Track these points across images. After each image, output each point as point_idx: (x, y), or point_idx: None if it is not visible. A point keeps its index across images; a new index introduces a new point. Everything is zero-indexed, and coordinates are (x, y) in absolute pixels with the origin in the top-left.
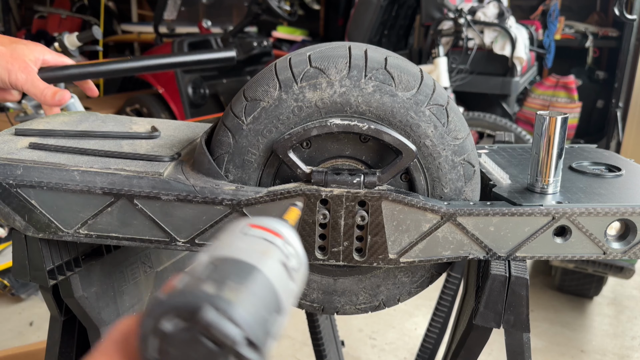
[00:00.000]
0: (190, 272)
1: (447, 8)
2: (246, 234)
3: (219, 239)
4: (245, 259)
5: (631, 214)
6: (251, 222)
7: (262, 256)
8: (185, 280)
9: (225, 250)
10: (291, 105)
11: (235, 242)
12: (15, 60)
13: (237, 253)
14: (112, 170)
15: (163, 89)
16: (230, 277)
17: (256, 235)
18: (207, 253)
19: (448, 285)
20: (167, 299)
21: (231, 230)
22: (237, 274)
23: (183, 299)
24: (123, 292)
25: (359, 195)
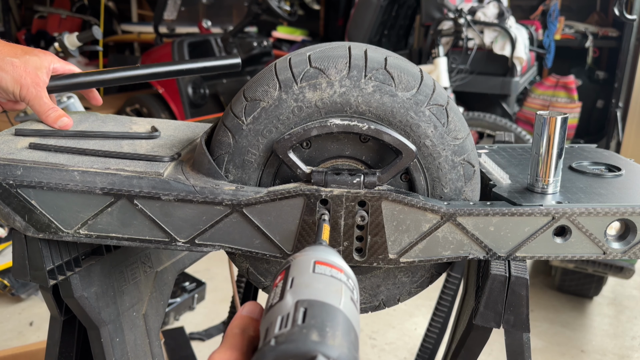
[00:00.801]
0: (282, 312)
1: (447, 8)
2: (316, 272)
3: (292, 275)
4: (329, 302)
5: (631, 214)
6: (317, 259)
7: (339, 296)
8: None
9: (309, 293)
10: (291, 105)
11: (312, 283)
12: (29, 75)
13: (320, 296)
14: (112, 171)
15: (163, 89)
16: (325, 322)
17: (326, 274)
18: (290, 295)
19: (448, 285)
20: (278, 346)
21: (303, 268)
22: (329, 318)
23: (295, 347)
24: (123, 292)
25: (359, 195)
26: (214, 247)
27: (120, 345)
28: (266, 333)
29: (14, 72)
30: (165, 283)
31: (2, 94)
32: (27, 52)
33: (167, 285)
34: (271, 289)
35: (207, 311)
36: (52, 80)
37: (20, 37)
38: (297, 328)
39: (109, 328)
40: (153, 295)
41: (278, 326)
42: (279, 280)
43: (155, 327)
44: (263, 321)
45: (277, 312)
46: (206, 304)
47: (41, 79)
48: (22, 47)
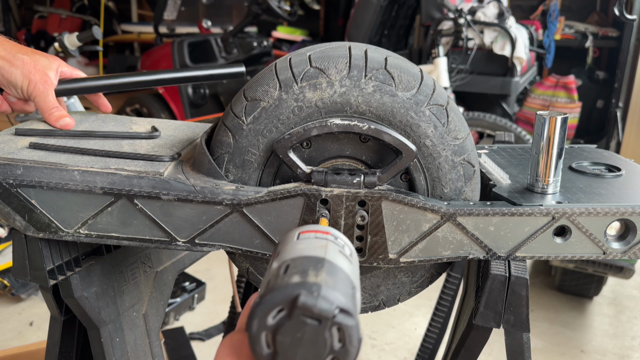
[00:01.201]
0: (268, 276)
1: (447, 8)
2: (300, 239)
3: (279, 249)
4: (311, 254)
5: (631, 214)
6: (301, 229)
7: (324, 249)
8: (271, 282)
9: (291, 254)
10: (291, 105)
11: (295, 246)
12: (38, 72)
13: (303, 252)
14: (113, 170)
15: (163, 89)
16: (307, 268)
17: (310, 237)
18: (276, 261)
19: (448, 285)
20: (264, 299)
21: (288, 240)
22: (311, 265)
23: (279, 294)
24: (123, 292)
25: (359, 195)
26: (214, 247)
27: (120, 345)
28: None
29: (23, 67)
30: (165, 283)
31: (11, 89)
32: (37, 53)
33: (167, 285)
34: None
35: (207, 311)
36: (60, 84)
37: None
38: (279, 279)
39: (109, 328)
40: (153, 295)
41: (263, 286)
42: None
43: (155, 327)
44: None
45: (264, 279)
46: (206, 304)
47: (49, 78)
48: (32, 49)
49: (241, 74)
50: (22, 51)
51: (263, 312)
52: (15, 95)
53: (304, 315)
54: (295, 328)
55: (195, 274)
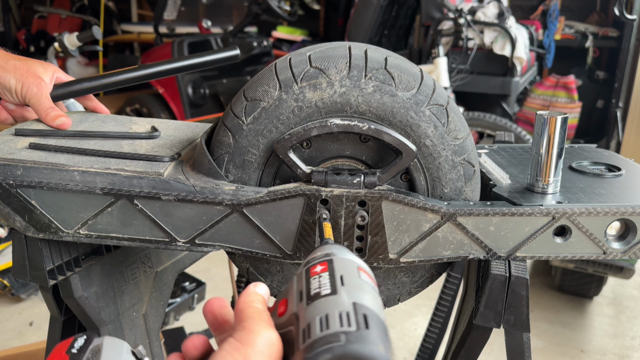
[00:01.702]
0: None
1: (447, 8)
2: (362, 279)
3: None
4: (380, 317)
5: (631, 214)
6: (359, 265)
7: (383, 312)
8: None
9: (365, 300)
10: (291, 105)
11: (363, 290)
12: (31, 75)
13: (375, 307)
14: (112, 171)
15: (163, 89)
16: (384, 337)
17: (369, 284)
18: (346, 294)
19: (448, 285)
20: (349, 345)
21: (350, 272)
22: (385, 334)
23: (368, 351)
24: (123, 292)
25: (359, 195)
26: (214, 247)
27: None
28: (320, 322)
29: (16, 72)
30: (165, 283)
31: (6, 95)
32: (31, 60)
33: (167, 285)
34: (304, 273)
35: None
36: (56, 88)
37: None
38: (364, 332)
39: (109, 328)
40: (153, 295)
41: (339, 322)
42: (319, 270)
43: (155, 327)
44: (308, 307)
45: (332, 305)
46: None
47: (43, 81)
48: (27, 57)
49: (236, 56)
50: (15, 58)
51: (339, 355)
52: (11, 100)
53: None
54: None
55: (195, 274)
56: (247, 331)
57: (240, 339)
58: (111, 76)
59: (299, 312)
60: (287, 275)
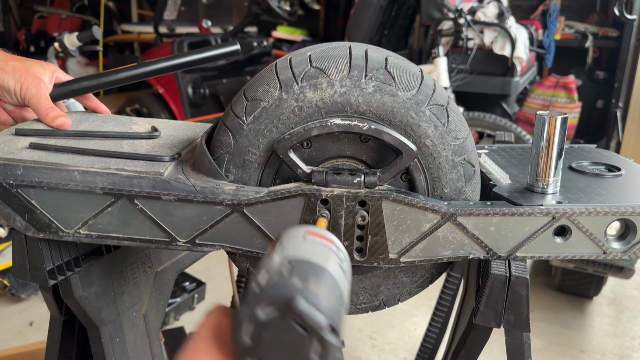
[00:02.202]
0: (269, 269)
1: (447, 8)
2: (307, 240)
3: (283, 242)
4: (315, 261)
5: (631, 214)
6: (308, 229)
7: (327, 259)
8: (272, 276)
9: (297, 253)
10: (292, 105)
11: (301, 246)
12: (30, 76)
13: (308, 256)
14: (113, 170)
15: (163, 89)
16: (309, 275)
17: (316, 242)
18: (279, 254)
19: (448, 285)
20: (261, 291)
21: (293, 236)
22: (313, 273)
23: (277, 291)
24: (123, 292)
25: (359, 195)
26: (214, 247)
27: (120, 345)
28: (252, 286)
29: (15, 72)
30: (165, 283)
31: (5, 95)
32: (30, 60)
33: (167, 285)
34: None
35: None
36: (57, 87)
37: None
38: (282, 278)
39: (109, 328)
40: (153, 295)
41: (263, 277)
42: (269, 250)
43: (155, 327)
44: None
45: (264, 270)
46: (206, 304)
47: (42, 81)
48: (26, 58)
49: (236, 51)
50: (14, 59)
51: (255, 303)
52: (10, 101)
53: (295, 321)
54: (281, 329)
55: (195, 274)
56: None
57: None
58: (110, 75)
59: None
60: None
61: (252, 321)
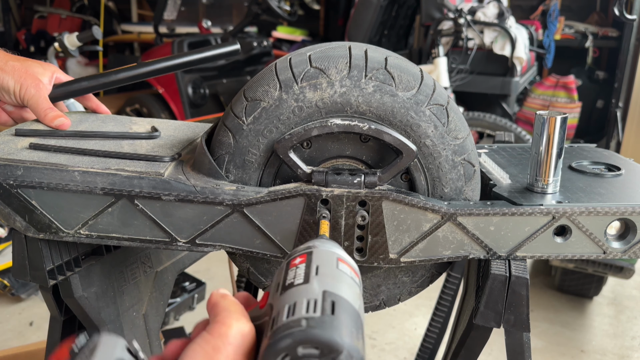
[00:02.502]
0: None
1: (447, 8)
2: (340, 269)
3: (319, 265)
4: (352, 304)
5: (631, 214)
6: (340, 256)
7: (358, 301)
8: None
9: (336, 288)
10: (292, 105)
11: (337, 278)
12: (29, 76)
13: (346, 295)
14: (113, 171)
15: (163, 89)
16: (351, 323)
17: (347, 274)
18: (317, 282)
19: (448, 285)
20: (310, 329)
21: (327, 260)
22: (354, 320)
23: (328, 336)
24: (123, 292)
25: (359, 195)
26: (214, 247)
27: None
28: (288, 310)
29: (14, 73)
30: (165, 283)
31: (4, 96)
32: (30, 60)
33: (167, 285)
34: (285, 266)
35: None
36: (56, 87)
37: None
38: (328, 318)
39: (109, 328)
40: (153, 295)
41: (305, 308)
42: (298, 262)
43: (155, 327)
44: (281, 296)
45: (302, 293)
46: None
47: (41, 82)
48: (26, 57)
49: (236, 51)
50: (14, 59)
51: (300, 340)
52: (9, 101)
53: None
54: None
55: (195, 274)
56: (218, 324)
57: (211, 331)
58: (110, 75)
59: (273, 302)
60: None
61: (289, 354)
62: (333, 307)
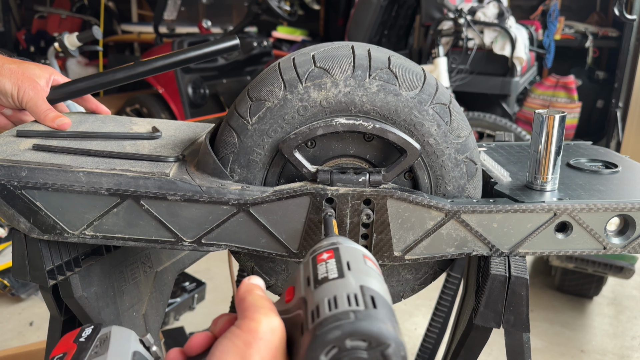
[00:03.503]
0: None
1: (447, 8)
2: (368, 266)
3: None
4: (387, 299)
5: (630, 210)
6: (364, 253)
7: (389, 297)
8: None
9: (371, 284)
10: (296, 105)
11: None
12: (27, 79)
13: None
14: (118, 171)
15: (163, 89)
16: (392, 318)
17: (375, 270)
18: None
19: (448, 285)
20: (358, 322)
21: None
22: (393, 315)
23: (376, 328)
24: (123, 292)
25: (364, 193)
26: (220, 246)
27: None
28: (329, 303)
29: (11, 76)
30: (165, 283)
31: (2, 100)
32: (27, 63)
33: (167, 285)
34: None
35: (207, 311)
36: (55, 89)
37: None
38: (373, 311)
39: None
40: (153, 295)
41: (347, 302)
42: (326, 257)
43: (155, 327)
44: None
45: (340, 287)
46: (206, 304)
47: (39, 84)
48: (23, 60)
49: (235, 46)
50: (10, 62)
51: (348, 331)
52: (7, 105)
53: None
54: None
55: (195, 274)
56: (248, 319)
57: (242, 327)
58: (108, 75)
59: (306, 296)
60: (292, 273)
61: (337, 346)
62: (373, 300)
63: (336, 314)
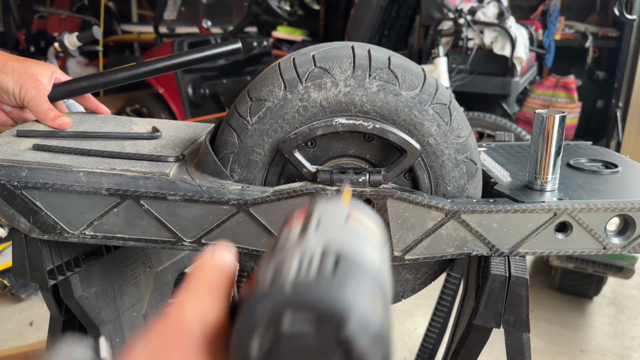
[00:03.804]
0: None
1: (447, 8)
2: (348, 227)
3: (320, 218)
4: (368, 265)
5: (630, 210)
6: (350, 212)
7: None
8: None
9: (341, 243)
10: (296, 105)
11: (345, 233)
12: (29, 77)
13: (356, 252)
14: (118, 171)
15: (163, 89)
16: (365, 287)
17: (360, 234)
18: (316, 236)
19: (448, 285)
20: (295, 289)
21: (334, 215)
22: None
23: (322, 298)
24: (123, 292)
25: (364, 193)
26: None
27: (120, 345)
28: (274, 273)
29: (14, 74)
30: (165, 283)
31: (3, 97)
32: (30, 60)
33: (167, 285)
34: (280, 229)
35: None
36: (56, 87)
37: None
38: (326, 277)
39: (109, 328)
40: (153, 295)
41: (296, 268)
42: (295, 220)
43: None
44: (268, 261)
45: (294, 251)
46: None
47: (41, 83)
48: (26, 58)
49: (237, 50)
50: (13, 59)
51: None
52: (9, 102)
53: (338, 346)
54: (311, 352)
55: None
56: (177, 303)
57: (168, 313)
58: (109, 75)
59: (259, 268)
60: None
61: (271, 329)
62: (336, 265)
63: (274, 284)
